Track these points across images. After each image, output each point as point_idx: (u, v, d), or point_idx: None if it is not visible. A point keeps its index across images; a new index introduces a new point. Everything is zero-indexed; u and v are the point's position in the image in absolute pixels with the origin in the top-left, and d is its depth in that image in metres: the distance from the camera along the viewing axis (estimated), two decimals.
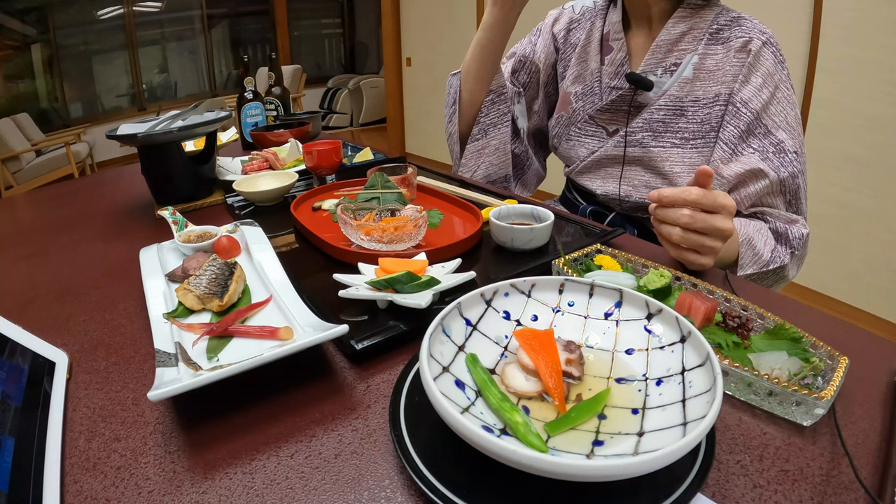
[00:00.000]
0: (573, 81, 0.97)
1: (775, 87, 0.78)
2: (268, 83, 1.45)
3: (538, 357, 0.39)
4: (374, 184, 0.73)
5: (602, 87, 0.92)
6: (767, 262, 0.74)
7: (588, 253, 0.61)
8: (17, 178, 3.80)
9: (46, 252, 0.78)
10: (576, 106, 0.96)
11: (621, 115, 0.90)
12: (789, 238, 0.77)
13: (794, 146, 0.77)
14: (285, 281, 0.56)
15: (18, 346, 0.43)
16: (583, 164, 0.96)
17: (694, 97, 0.82)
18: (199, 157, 0.97)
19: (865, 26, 1.82)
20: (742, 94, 0.79)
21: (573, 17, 0.98)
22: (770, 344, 0.45)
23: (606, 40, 0.92)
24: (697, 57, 0.81)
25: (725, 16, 0.82)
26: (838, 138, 1.97)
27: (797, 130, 0.79)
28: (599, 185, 0.95)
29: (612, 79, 0.90)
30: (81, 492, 0.35)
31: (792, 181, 0.77)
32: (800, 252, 0.78)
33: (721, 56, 0.80)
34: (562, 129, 1.00)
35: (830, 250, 2.05)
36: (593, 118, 0.93)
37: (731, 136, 0.80)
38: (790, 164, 0.77)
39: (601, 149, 0.93)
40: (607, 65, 0.91)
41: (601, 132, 0.94)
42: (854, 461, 0.35)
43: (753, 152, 0.78)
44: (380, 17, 4.52)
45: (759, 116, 0.78)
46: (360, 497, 0.34)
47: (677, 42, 0.83)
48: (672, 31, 0.82)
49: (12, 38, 4.47)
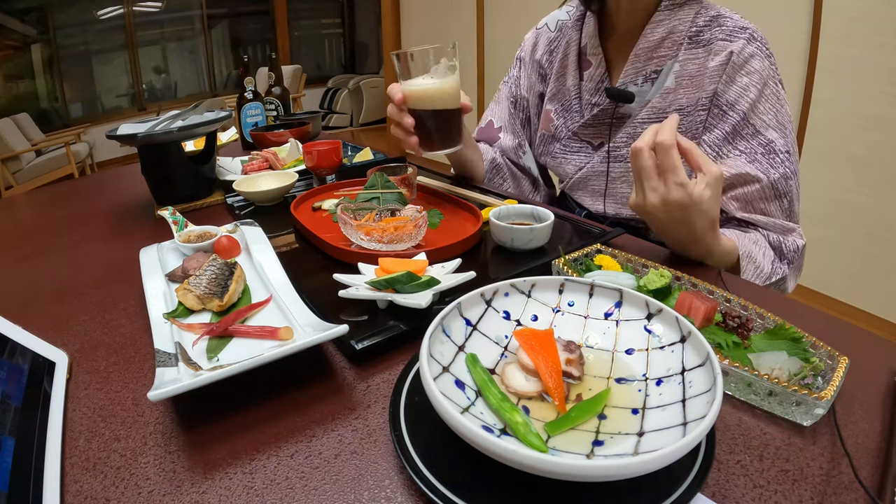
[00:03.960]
0: (551, 98, 0.95)
1: (763, 83, 0.74)
2: (268, 83, 1.45)
3: (538, 357, 0.39)
4: (374, 184, 0.73)
5: (582, 104, 0.91)
6: (769, 275, 0.73)
7: (588, 253, 0.61)
8: (17, 178, 3.80)
9: (46, 252, 0.78)
10: (557, 123, 0.95)
11: (604, 128, 0.88)
12: (784, 251, 0.75)
13: (784, 146, 0.74)
14: (285, 281, 0.56)
15: (18, 346, 0.43)
16: (572, 181, 0.95)
17: (678, 105, 0.80)
18: (199, 157, 0.97)
19: (865, 26, 1.82)
20: (727, 95, 0.75)
21: (550, 36, 0.96)
22: (770, 344, 0.45)
23: (584, 54, 0.89)
24: (678, 64, 0.79)
25: (704, 15, 0.78)
26: (838, 138, 1.97)
27: (788, 129, 0.75)
28: (589, 202, 0.95)
29: (593, 95, 0.88)
30: (81, 492, 0.35)
31: (785, 183, 0.74)
32: (797, 263, 0.76)
33: (702, 60, 0.77)
34: (545, 146, 0.99)
35: (830, 250, 2.05)
36: (576, 134, 0.92)
37: (715, 139, 0.77)
38: (781, 164, 0.73)
39: (588, 164, 0.92)
40: (586, 80, 0.89)
41: (586, 147, 0.92)
42: (854, 461, 0.35)
43: (740, 154, 0.75)
44: (380, 17, 4.51)
45: (747, 116, 0.74)
46: (360, 497, 0.34)
47: (656, 49, 0.80)
48: (650, 38, 0.80)
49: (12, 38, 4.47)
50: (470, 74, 3.66)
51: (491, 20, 3.50)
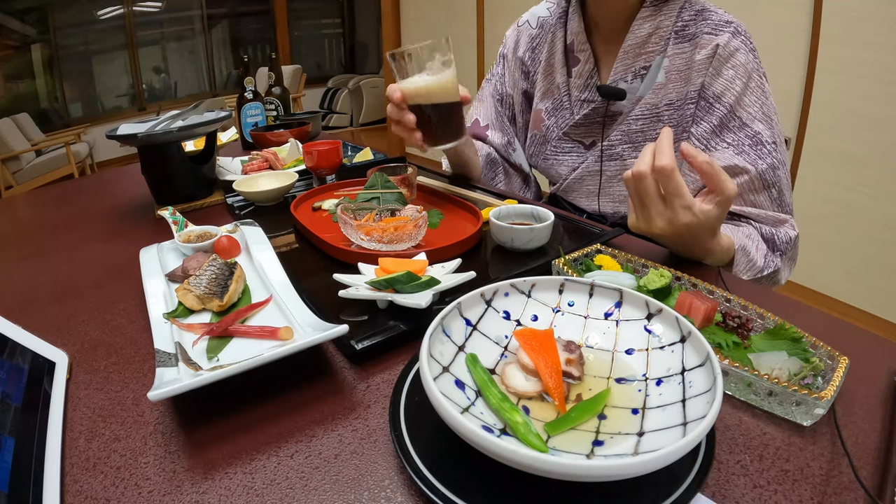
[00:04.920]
0: (541, 98, 0.95)
1: (748, 76, 0.75)
2: (268, 83, 1.45)
3: (538, 357, 0.39)
4: (374, 184, 0.73)
5: (572, 101, 0.91)
6: (762, 268, 0.73)
7: (588, 253, 0.61)
8: (17, 178, 3.80)
9: (46, 252, 0.78)
10: (548, 123, 0.94)
11: (596, 126, 0.88)
12: (776, 243, 0.75)
13: (771, 137, 0.75)
14: (285, 281, 0.56)
15: (18, 346, 0.43)
16: (566, 182, 0.95)
17: (668, 100, 0.81)
18: (199, 157, 0.97)
19: (865, 26, 1.82)
20: (714, 87, 0.77)
21: (532, 33, 0.96)
22: (770, 344, 0.45)
23: (571, 51, 0.89)
24: (667, 60, 0.80)
25: (689, 10, 0.79)
26: (838, 138, 1.97)
27: (774, 120, 0.76)
28: (585, 202, 0.94)
29: (582, 91, 0.88)
30: (81, 492, 0.35)
31: (773, 173, 0.75)
32: (790, 254, 0.77)
33: (689, 54, 0.78)
34: (536, 147, 0.99)
35: (830, 250, 2.05)
36: (567, 134, 0.92)
37: (703, 132, 0.78)
38: (768, 155, 0.74)
39: (582, 165, 0.91)
40: (575, 77, 0.89)
41: (578, 147, 0.92)
42: (854, 461, 0.35)
43: (727, 147, 0.76)
44: (380, 17, 4.51)
45: (733, 109, 0.76)
46: (360, 497, 0.34)
47: (644, 44, 0.81)
48: (638, 34, 0.80)
49: (12, 38, 4.46)
50: (470, 74, 3.66)
51: (491, 20, 3.50)
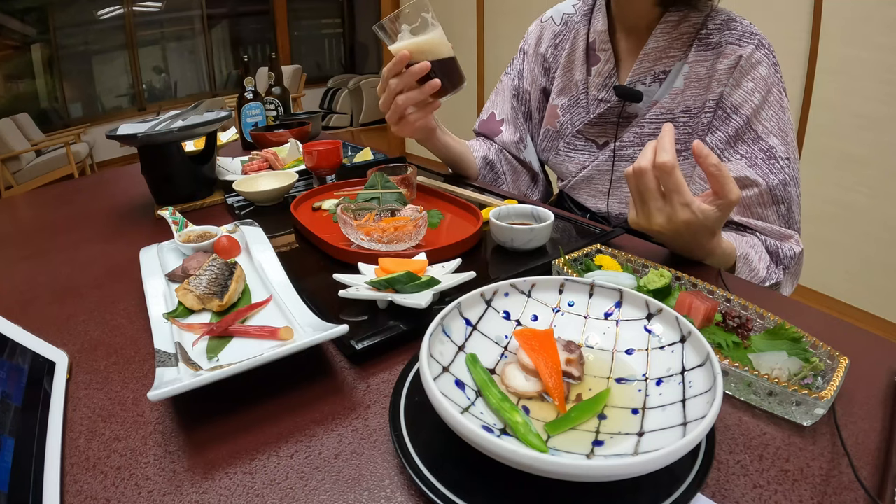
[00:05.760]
0: (558, 94, 0.95)
1: (767, 90, 0.75)
2: (268, 83, 1.45)
3: (538, 357, 0.39)
4: (374, 184, 0.73)
5: (589, 100, 0.90)
6: (763, 279, 0.73)
7: (588, 253, 0.61)
8: (17, 178, 3.80)
9: (46, 252, 0.78)
10: (563, 119, 0.94)
11: (610, 126, 0.88)
12: (780, 256, 0.75)
13: (785, 152, 0.74)
14: (285, 281, 0.56)
15: (18, 346, 0.43)
16: (574, 179, 0.95)
17: (685, 107, 0.81)
18: (199, 157, 0.97)
19: (865, 26, 1.82)
20: (732, 98, 0.76)
21: (555, 29, 0.95)
22: (770, 344, 0.45)
23: (593, 49, 0.89)
24: (688, 66, 0.79)
25: (715, 19, 0.78)
26: (838, 138, 1.97)
27: (789, 136, 0.76)
28: (591, 201, 0.94)
29: (600, 91, 0.88)
30: (81, 492, 0.35)
31: (783, 189, 0.74)
32: (793, 269, 0.76)
33: (711, 62, 0.78)
34: (549, 143, 0.99)
35: (830, 250, 2.05)
36: (581, 132, 0.92)
37: (718, 141, 0.78)
38: (780, 170, 0.74)
39: (592, 164, 0.91)
40: (594, 76, 0.89)
41: (591, 146, 0.92)
42: (854, 461, 0.35)
43: (741, 158, 0.76)
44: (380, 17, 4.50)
45: (750, 121, 0.75)
46: (360, 497, 0.34)
47: (666, 49, 0.80)
48: (661, 39, 0.80)
49: (12, 38, 4.46)
50: (470, 74, 3.66)
51: (491, 20, 3.50)
